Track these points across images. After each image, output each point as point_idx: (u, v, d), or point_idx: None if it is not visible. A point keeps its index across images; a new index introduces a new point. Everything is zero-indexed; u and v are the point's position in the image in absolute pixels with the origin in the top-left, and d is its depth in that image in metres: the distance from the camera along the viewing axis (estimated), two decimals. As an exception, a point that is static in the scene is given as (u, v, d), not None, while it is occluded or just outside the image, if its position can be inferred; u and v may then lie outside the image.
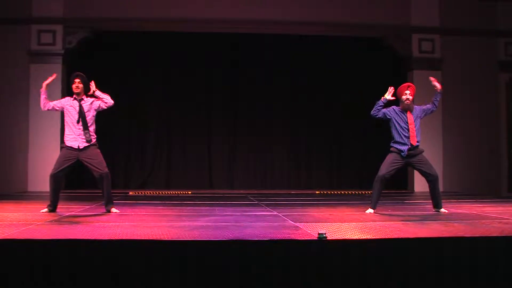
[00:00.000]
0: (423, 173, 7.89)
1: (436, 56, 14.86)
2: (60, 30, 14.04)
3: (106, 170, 7.56)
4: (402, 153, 7.72)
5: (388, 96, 7.95)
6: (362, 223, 6.38)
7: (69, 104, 7.65)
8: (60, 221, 6.51)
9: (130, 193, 12.89)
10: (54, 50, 13.94)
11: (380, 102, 7.95)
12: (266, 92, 15.61)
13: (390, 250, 4.80)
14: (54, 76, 7.94)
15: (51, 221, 6.41)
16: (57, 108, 7.82)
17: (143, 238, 4.99)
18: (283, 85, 15.68)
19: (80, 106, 7.60)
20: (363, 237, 5.13)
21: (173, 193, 12.95)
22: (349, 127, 15.70)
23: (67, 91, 13.83)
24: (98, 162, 7.53)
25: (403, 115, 7.84)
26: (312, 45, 15.35)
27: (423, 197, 11.76)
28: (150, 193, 12.92)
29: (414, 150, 7.76)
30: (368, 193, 12.73)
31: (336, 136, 15.83)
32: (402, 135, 7.76)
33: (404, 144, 7.73)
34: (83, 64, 14.55)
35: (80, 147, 7.48)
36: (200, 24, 14.34)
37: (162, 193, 12.97)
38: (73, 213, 7.56)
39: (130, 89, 15.29)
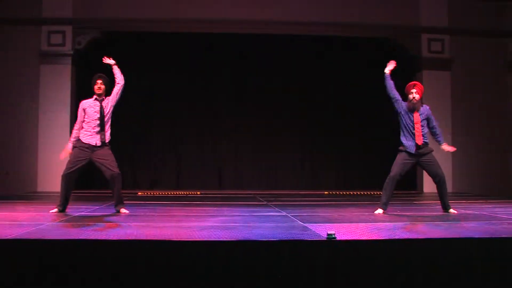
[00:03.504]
0: (430, 173, 7.85)
1: (445, 56, 14.82)
2: (69, 31, 14.11)
3: (118, 170, 7.59)
4: (411, 151, 7.69)
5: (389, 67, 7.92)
6: (371, 223, 6.36)
7: (89, 106, 7.69)
8: (69, 221, 6.53)
9: (139, 193, 12.92)
10: (64, 51, 14.01)
11: (387, 76, 7.90)
12: (274, 92, 15.62)
13: (399, 250, 4.79)
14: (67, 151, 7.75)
15: (60, 221, 6.43)
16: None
17: (152, 239, 5.00)
18: (291, 85, 15.68)
19: (101, 107, 7.65)
20: (372, 238, 5.12)
21: (182, 194, 12.97)
22: (358, 128, 15.68)
23: (77, 91, 13.98)
24: (110, 163, 7.55)
25: (410, 114, 7.80)
26: (320, 45, 15.34)
27: (432, 197, 11.72)
28: (159, 194, 12.94)
29: (422, 149, 7.71)
30: (377, 193, 12.72)
31: (345, 136, 15.80)
32: (409, 132, 7.73)
33: (412, 141, 7.70)
34: (92, 65, 14.63)
35: (97, 144, 7.51)
36: (208, 24, 14.36)
37: (171, 194, 12.99)
38: (82, 213, 7.59)
39: (139, 89, 15.31)
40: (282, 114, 15.71)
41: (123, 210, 7.64)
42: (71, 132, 7.52)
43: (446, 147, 7.99)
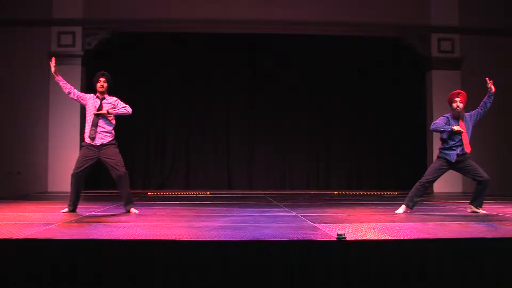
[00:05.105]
0: (474, 178, 7.73)
1: (455, 55, 14.76)
2: (79, 31, 14.16)
3: (124, 170, 7.60)
4: (452, 160, 7.62)
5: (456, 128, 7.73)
6: (381, 223, 6.35)
7: (91, 102, 7.76)
8: (80, 221, 6.55)
9: (148, 193, 12.95)
10: (74, 52, 14.05)
11: (448, 128, 7.72)
12: (284, 92, 15.60)
13: (409, 251, 4.77)
14: (53, 60, 8.04)
15: (71, 221, 6.46)
16: (76, 99, 7.96)
17: (161, 239, 5.01)
18: (301, 85, 15.67)
19: (100, 105, 7.68)
20: (382, 238, 5.11)
21: (191, 194, 12.99)
22: (368, 127, 15.66)
23: (87, 92, 13.99)
24: (116, 162, 7.57)
25: (455, 123, 7.72)
26: (330, 45, 15.33)
27: (443, 197, 11.72)
28: (169, 194, 12.96)
29: (462, 157, 7.65)
30: (386, 193, 12.72)
31: (355, 136, 15.78)
32: (454, 142, 7.65)
33: (454, 151, 7.63)
34: (102, 65, 14.61)
35: (97, 144, 7.54)
36: (218, 24, 14.38)
37: (181, 194, 13.01)
38: (92, 213, 7.61)
39: (149, 90, 15.39)
40: (293, 114, 15.69)
41: (133, 210, 7.66)
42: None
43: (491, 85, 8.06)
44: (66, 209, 7.58)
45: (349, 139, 15.83)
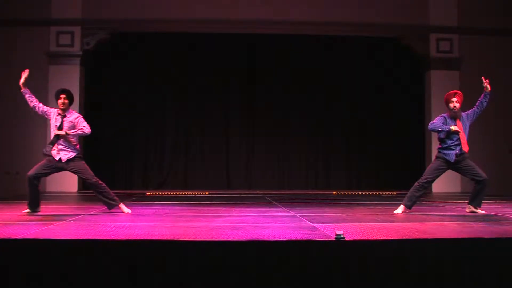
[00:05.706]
0: (473, 177, 7.73)
1: (454, 55, 14.77)
2: (78, 31, 14.16)
3: (95, 178, 7.62)
4: (451, 160, 7.62)
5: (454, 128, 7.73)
6: (380, 223, 6.35)
7: (53, 118, 7.64)
8: (79, 221, 6.55)
9: (147, 193, 12.94)
10: (72, 52, 14.06)
11: (445, 128, 7.72)
12: (283, 93, 15.61)
13: (407, 250, 4.78)
14: (27, 72, 7.86)
15: (69, 221, 6.45)
16: (40, 113, 7.76)
17: (160, 239, 5.01)
18: (300, 85, 15.66)
19: (61, 123, 7.56)
20: (381, 238, 5.11)
21: (190, 194, 12.98)
22: (367, 127, 15.66)
23: (86, 92, 14.06)
24: (84, 173, 7.62)
25: (452, 123, 7.73)
26: (329, 45, 15.36)
27: (441, 197, 11.72)
28: (168, 194, 12.96)
29: (461, 156, 7.65)
30: (385, 193, 12.72)
31: (354, 136, 15.78)
32: (452, 142, 7.65)
33: (453, 150, 7.63)
34: (101, 65, 14.67)
35: (63, 160, 7.49)
36: (218, 24, 14.39)
37: (180, 194, 13.00)
38: (91, 213, 7.61)
39: (148, 89, 15.38)
40: (293, 114, 15.70)
41: (123, 207, 7.67)
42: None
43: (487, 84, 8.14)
44: (28, 210, 7.49)
45: (348, 139, 15.84)
